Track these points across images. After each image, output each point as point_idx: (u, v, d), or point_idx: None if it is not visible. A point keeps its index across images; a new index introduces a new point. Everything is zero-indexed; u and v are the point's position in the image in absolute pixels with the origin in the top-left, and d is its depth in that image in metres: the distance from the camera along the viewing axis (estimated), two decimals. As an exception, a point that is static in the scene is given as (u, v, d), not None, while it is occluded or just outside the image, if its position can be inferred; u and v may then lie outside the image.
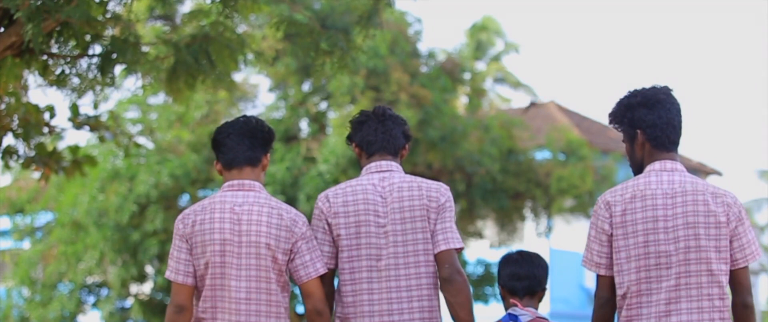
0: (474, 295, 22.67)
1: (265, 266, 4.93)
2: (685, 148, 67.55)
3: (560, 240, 29.84)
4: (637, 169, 4.87)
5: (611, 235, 4.76)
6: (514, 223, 22.92)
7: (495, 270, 23.15)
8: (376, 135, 5.16)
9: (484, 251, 25.19)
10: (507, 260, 5.50)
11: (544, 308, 30.25)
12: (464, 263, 22.58)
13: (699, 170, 35.00)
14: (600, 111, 79.97)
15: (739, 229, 4.69)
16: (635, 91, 4.82)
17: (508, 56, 42.32)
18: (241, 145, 5.06)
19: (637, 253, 4.68)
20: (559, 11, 77.64)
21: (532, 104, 30.63)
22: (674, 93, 4.85)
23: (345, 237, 5.02)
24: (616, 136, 33.27)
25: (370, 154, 5.16)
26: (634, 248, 4.69)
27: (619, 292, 4.76)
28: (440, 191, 5.04)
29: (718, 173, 35.54)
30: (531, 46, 69.80)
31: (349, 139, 5.28)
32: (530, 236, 26.50)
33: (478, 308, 21.96)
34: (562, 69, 75.88)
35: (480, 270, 22.85)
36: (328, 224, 5.05)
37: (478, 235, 23.04)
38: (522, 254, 5.55)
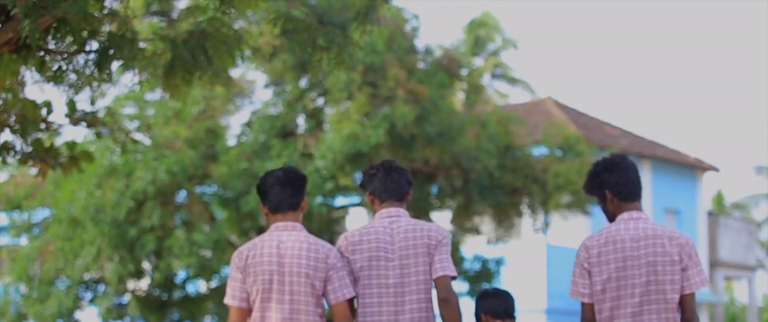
0: (471, 290, 22.71)
1: (305, 291, 5.99)
2: (682, 144, 67.55)
3: (557, 236, 29.86)
4: (611, 220, 6.14)
5: (590, 272, 6.02)
6: (511, 219, 22.92)
7: (492, 266, 23.26)
8: (384, 185, 6.34)
9: (481, 247, 25.20)
10: (486, 295, 6.85)
11: (541, 303, 30.33)
12: (461, 260, 22.60)
13: (696, 167, 34.99)
14: (597, 107, 79.96)
15: (688, 264, 5.96)
16: (597, 161, 6.16)
17: (506, 52, 42.37)
18: (285, 193, 6.11)
19: (610, 285, 5.97)
20: (558, 7, 77.65)
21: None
22: (628, 158, 6.19)
23: (359, 269, 6.20)
24: (613, 133, 33.30)
25: (381, 201, 6.35)
26: (607, 281, 5.97)
27: (597, 317, 6.03)
28: (439, 232, 6.24)
29: (715, 169, 35.49)
30: (529, 42, 69.85)
31: (363, 187, 6.45)
32: (527, 232, 26.49)
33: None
34: (560, 65, 75.90)
35: (477, 266, 22.85)
36: (347, 260, 6.22)
37: (475, 231, 23.04)
38: (496, 290, 6.91)
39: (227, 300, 6.08)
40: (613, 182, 6.07)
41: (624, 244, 5.97)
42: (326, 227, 21.52)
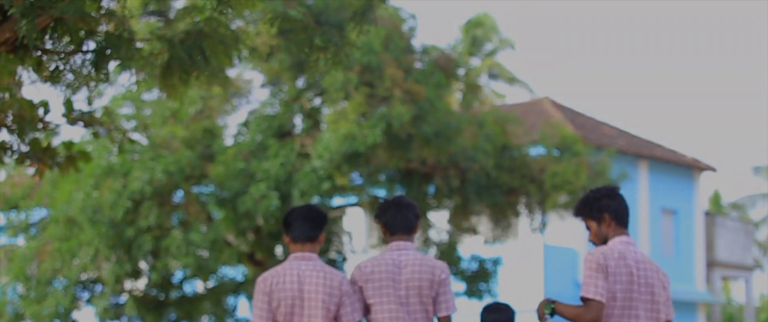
0: (468, 291, 22.72)
1: (322, 314, 6.91)
2: (679, 144, 67.50)
3: (554, 236, 29.87)
4: (602, 242, 6.84)
5: (607, 278, 6.64)
6: (509, 219, 22.92)
7: (489, 266, 23.25)
8: (396, 219, 7.14)
9: (478, 247, 25.20)
10: (489, 309, 7.57)
11: (538, 303, 30.31)
12: (458, 260, 22.60)
13: (693, 166, 35.00)
14: (594, 107, 80.00)
15: (669, 294, 6.83)
16: (597, 188, 6.90)
17: (504, 52, 42.41)
18: (305, 227, 7.03)
19: (622, 296, 6.64)
20: (555, 8, 77.73)
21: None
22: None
23: (371, 297, 7.03)
24: (610, 133, 33.30)
25: (392, 233, 7.16)
26: (620, 292, 6.64)
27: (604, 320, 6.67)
28: (442, 269, 7.08)
29: (713, 169, 35.50)
30: (526, 43, 69.90)
31: (377, 219, 7.24)
32: (524, 232, 26.49)
33: (471, 303, 21.88)
34: (557, 65, 75.97)
35: (474, 266, 22.85)
36: (360, 288, 7.08)
37: (473, 231, 23.04)
38: (498, 304, 7.66)
39: (253, 319, 6.94)
40: (614, 207, 6.80)
41: (629, 262, 6.68)
42: (323, 227, 21.51)
